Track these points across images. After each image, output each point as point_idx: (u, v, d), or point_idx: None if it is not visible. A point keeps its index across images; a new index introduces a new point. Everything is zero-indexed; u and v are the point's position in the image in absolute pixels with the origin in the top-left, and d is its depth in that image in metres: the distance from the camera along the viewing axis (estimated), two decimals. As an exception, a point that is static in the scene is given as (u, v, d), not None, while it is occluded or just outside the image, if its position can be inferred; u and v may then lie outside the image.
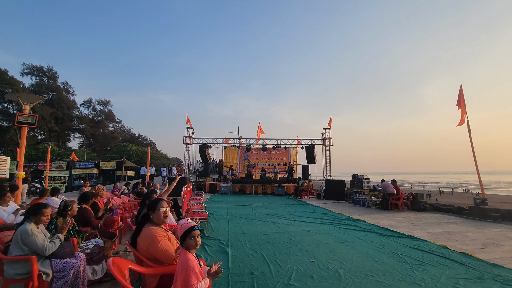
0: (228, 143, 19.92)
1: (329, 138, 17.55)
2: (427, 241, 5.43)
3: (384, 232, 6.30)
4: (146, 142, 58.70)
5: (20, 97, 6.65)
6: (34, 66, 41.55)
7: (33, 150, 31.23)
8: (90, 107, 49.78)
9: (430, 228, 6.80)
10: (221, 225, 7.07)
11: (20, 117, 6.52)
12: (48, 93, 41.94)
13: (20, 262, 2.52)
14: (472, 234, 6.13)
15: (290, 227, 6.88)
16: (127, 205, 7.08)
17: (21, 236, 2.51)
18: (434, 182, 76.94)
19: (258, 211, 9.60)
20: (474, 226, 7.13)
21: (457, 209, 9.40)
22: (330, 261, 4.22)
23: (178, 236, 2.11)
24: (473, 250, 4.84)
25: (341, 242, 5.43)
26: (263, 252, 4.68)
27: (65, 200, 3.42)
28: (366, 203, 11.46)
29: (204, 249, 4.86)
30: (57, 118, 41.27)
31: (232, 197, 14.83)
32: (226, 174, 19.56)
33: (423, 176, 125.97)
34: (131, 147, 41.25)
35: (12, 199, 4.78)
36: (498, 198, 20.82)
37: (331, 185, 14.85)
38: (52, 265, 2.64)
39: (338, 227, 6.95)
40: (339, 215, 8.93)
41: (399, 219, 8.22)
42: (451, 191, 39.06)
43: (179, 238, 2.10)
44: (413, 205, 10.23)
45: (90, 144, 50.62)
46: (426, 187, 52.32)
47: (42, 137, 41.57)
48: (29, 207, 2.86)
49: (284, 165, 20.87)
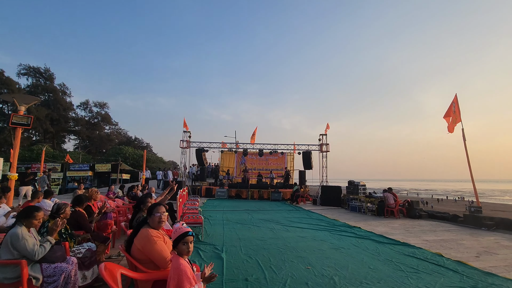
0: (225, 147, 19.88)
1: (326, 144, 17.60)
2: (422, 249, 5.43)
3: (380, 239, 6.30)
4: (142, 145, 58.38)
5: (16, 98, 6.60)
6: (31, 66, 41.31)
7: (28, 151, 30.85)
8: (87, 109, 49.53)
9: (425, 236, 6.81)
10: (216, 230, 7.01)
11: (15, 118, 6.47)
12: (44, 94, 41.63)
13: (9, 266, 2.47)
14: (467, 242, 6.15)
15: (286, 233, 6.85)
16: (121, 208, 6.99)
17: (11, 240, 2.46)
18: (429, 190, 77.21)
19: (254, 217, 9.55)
20: (468, 234, 7.15)
21: (452, 217, 9.44)
22: (325, 267, 4.20)
23: (172, 239, 2.09)
24: (467, 258, 4.85)
25: (336, 248, 5.41)
26: (258, 258, 4.64)
27: (58, 203, 3.37)
28: (362, 210, 11.46)
29: (199, 254, 4.81)
30: (53, 119, 40.91)
31: (228, 202, 14.75)
32: (222, 178, 19.47)
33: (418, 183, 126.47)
34: (127, 150, 40.94)
35: (4, 201, 4.71)
36: (492, 206, 20.93)
37: (327, 191, 14.86)
38: (42, 269, 2.59)
39: (334, 233, 6.93)
40: (335, 221, 8.92)
41: (394, 226, 8.22)
42: (454, 199, 39.02)
43: (172, 242, 2.08)
44: (409, 212, 10.25)
45: (85, 146, 50.20)
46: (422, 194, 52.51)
47: (37, 138, 41.15)
48: (20, 210, 2.81)
49: (281, 170, 20.85)
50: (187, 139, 17.55)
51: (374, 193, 12.64)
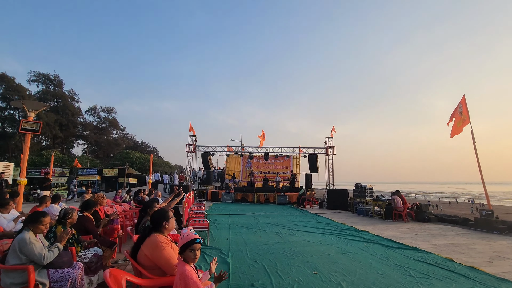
0: (230, 151, 19.91)
1: (332, 147, 17.47)
2: (432, 253, 5.30)
3: (388, 243, 6.18)
4: (149, 149, 58.92)
5: (25, 104, 6.72)
6: (41, 73, 42.30)
7: (37, 156, 31.43)
8: (95, 114, 50.33)
9: (435, 240, 6.66)
10: (222, 234, 6.98)
11: (25, 124, 6.58)
12: (54, 100, 42.49)
13: (17, 271, 2.49)
14: (479, 247, 5.99)
15: (292, 237, 6.78)
16: (128, 213, 7.04)
17: (18, 245, 2.48)
18: (438, 192, 76.03)
19: (260, 220, 9.50)
20: (480, 238, 6.97)
21: (462, 220, 9.23)
22: (332, 273, 4.13)
23: (179, 245, 2.07)
24: (480, 263, 4.72)
25: (343, 253, 5.33)
26: (264, 262, 4.60)
27: (65, 208, 3.40)
28: (369, 213, 11.30)
29: (204, 258, 4.78)
30: (62, 124, 41.64)
31: (234, 206, 14.72)
32: (228, 182, 19.48)
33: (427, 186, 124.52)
34: (134, 154, 41.37)
35: (14, 206, 4.77)
36: (504, 209, 20.45)
37: (334, 195, 14.70)
38: (49, 275, 2.61)
39: (341, 237, 6.84)
40: (342, 225, 8.81)
41: (403, 230, 8.07)
42: (470, 201, 38.14)
43: (179, 248, 2.06)
44: (418, 215, 10.06)
45: (93, 150, 50.89)
46: (430, 197, 51.65)
47: (47, 143, 41.89)
48: (28, 215, 2.84)
49: (287, 173, 20.77)
50: (193, 143, 17.63)
51: (381, 196, 12.46)
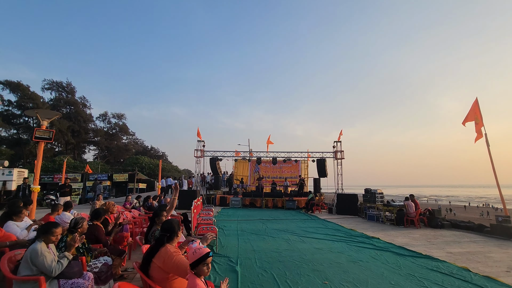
0: (238, 156, 19.93)
1: (340, 151, 17.28)
2: (447, 262, 5.15)
3: (400, 251, 6.03)
4: (158, 154, 59.59)
5: (39, 114, 6.90)
6: (54, 81, 43.48)
7: (50, 162, 32.16)
8: (105, 120, 51.30)
9: (449, 247, 6.47)
10: (230, 241, 6.96)
11: (38, 132, 6.75)
12: (66, 107, 43.59)
13: (29, 282, 2.52)
14: (496, 255, 5.78)
15: (301, 244, 6.70)
16: (138, 219, 7.08)
17: (30, 256, 2.52)
18: (451, 196, 74.11)
19: (269, 226, 9.43)
20: (497, 245, 6.74)
21: (477, 227, 8.95)
22: (343, 283, 4.05)
23: (190, 261, 2.03)
24: (497, 273, 4.55)
25: (354, 261, 5.22)
26: (273, 271, 4.55)
27: (76, 217, 3.44)
28: (380, 219, 11.07)
29: (213, 266, 4.76)
30: (74, 131, 42.60)
31: (242, 211, 14.67)
32: (236, 187, 19.45)
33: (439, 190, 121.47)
34: (143, 159, 41.88)
35: (27, 214, 4.87)
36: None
37: (343, 199, 14.49)
38: (60, 285, 2.63)
39: (351, 244, 6.72)
40: (352, 231, 8.66)
41: (415, 236, 7.88)
42: (493, 207, 36.73)
43: (191, 263, 2.02)
44: (430, 221, 9.81)
45: (104, 156, 51.77)
46: (442, 201, 50.36)
47: (59, 149, 42.87)
48: (41, 225, 2.89)
49: (295, 178, 20.61)
50: (201, 149, 17.72)
51: (392, 202, 12.22)
